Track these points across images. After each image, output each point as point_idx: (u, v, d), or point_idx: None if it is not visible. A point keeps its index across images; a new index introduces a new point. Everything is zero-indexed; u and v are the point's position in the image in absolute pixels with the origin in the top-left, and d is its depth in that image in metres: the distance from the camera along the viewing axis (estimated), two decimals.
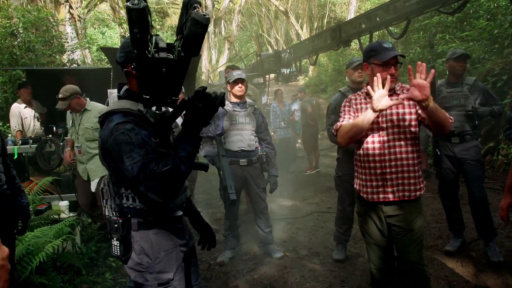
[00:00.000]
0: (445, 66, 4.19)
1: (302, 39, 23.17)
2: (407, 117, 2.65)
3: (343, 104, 2.91)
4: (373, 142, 2.69)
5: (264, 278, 4.13)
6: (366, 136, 2.70)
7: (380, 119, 2.66)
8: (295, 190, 7.84)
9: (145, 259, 2.02)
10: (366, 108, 2.67)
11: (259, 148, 4.53)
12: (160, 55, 1.61)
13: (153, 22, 1.60)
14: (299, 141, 10.81)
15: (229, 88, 4.46)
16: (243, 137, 4.36)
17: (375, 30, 7.28)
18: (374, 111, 2.49)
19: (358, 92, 2.93)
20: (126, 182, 1.92)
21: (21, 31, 8.94)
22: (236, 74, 4.39)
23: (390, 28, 6.79)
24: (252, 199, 4.59)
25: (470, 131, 4.12)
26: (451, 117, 2.62)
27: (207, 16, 1.57)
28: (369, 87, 2.60)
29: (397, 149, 2.65)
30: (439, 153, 4.27)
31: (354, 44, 9.57)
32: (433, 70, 2.43)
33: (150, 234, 2.04)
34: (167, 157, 1.76)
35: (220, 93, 1.80)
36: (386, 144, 2.66)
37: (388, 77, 2.54)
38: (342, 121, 2.78)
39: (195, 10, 1.55)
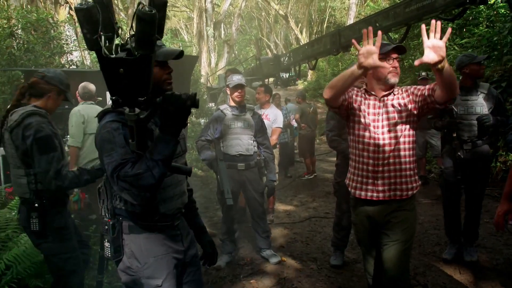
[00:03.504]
0: (465, 71, 4.07)
1: (301, 44, 23.21)
2: (406, 111, 2.61)
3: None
4: (369, 137, 2.65)
5: (261, 283, 4.11)
6: (364, 129, 2.66)
7: (378, 110, 2.64)
8: (293, 195, 7.83)
9: (135, 263, 2.00)
10: (368, 105, 2.68)
11: (258, 152, 4.52)
12: (115, 55, 1.57)
13: (123, 23, 1.55)
14: (295, 144, 10.82)
15: (228, 93, 4.45)
16: (241, 141, 4.35)
17: (375, 35, 7.28)
18: (360, 67, 2.33)
19: (358, 90, 2.85)
20: None
21: (20, 32, 8.93)
22: (236, 79, 4.36)
23: (390, 34, 6.80)
24: (250, 203, 4.57)
25: (482, 138, 4.07)
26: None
27: (152, 12, 1.49)
28: (368, 86, 2.69)
29: (393, 147, 2.61)
30: (462, 156, 4.10)
31: (354, 49, 9.60)
32: (449, 29, 2.28)
33: (141, 238, 2.02)
34: (142, 159, 1.74)
35: (191, 93, 1.77)
36: (381, 142, 2.61)
37: (391, 68, 2.56)
38: None
39: (139, 7, 1.49)
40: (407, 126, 2.62)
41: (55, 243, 2.89)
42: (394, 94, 2.66)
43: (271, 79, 15.13)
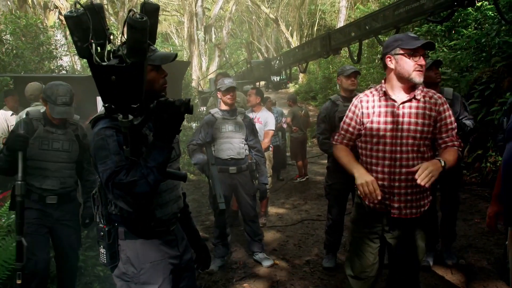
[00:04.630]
0: None
1: (292, 47, 23.28)
2: (423, 128, 2.40)
3: (352, 102, 2.65)
4: (384, 151, 2.44)
5: (254, 286, 4.10)
6: (377, 144, 2.47)
7: (396, 119, 2.42)
8: (285, 198, 7.84)
9: (131, 269, 2.00)
10: (380, 113, 2.47)
11: (249, 155, 4.53)
12: (106, 63, 1.55)
13: (115, 30, 1.54)
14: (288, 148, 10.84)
15: (220, 96, 4.45)
16: (232, 145, 4.35)
17: (365, 38, 7.34)
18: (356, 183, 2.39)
19: (372, 91, 2.61)
20: None
21: (9, 37, 8.86)
22: (228, 82, 4.38)
23: (379, 36, 6.85)
24: (242, 207, 4.57)
25: None
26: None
27: (143, 19, 1.47)
28: (386, 85, 2.50)
29: (410, 162, 2.38)
30: None
31: (344, 52, 9.65)
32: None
33: (137, 244, 2.01)
34: (137, 166, 1.73)
35: (185, 99, 1.75)
36: (398, 156, 2.41)
37: (416, 66, 2.34)
38: (342, 136, 2.65)
39: (130, 14, 1.47)
40: (427, 141, 2.43)
41: None
42: (417, 100, 2.43)
43: (262, 83, 15.15)
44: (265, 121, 5.76)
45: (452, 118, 2.49)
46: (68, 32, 14.19)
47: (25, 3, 13.54)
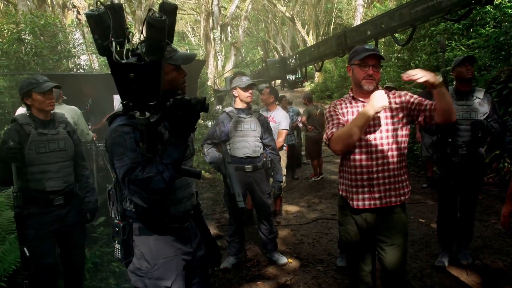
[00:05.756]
0: (452, 75, 4.10)
1: (308, 45, 23.21)
2: (397, 116, 2.63)
3: (327, 110, 2.83)
4: (360, 146, 2.64)
5: (268, 285, 4.12)
6: None
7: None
8: (299, 197, 7.84)
9: (144, 264, 2.03)
10: (353, 113, 2.68)
11: (264, 154, 4.53)
12: (125, 60, 1.58)
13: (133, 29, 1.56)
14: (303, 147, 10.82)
15: (236, 94, 4.44)
16: (248, 143, 4.36)
17: (381, 37, 7.31)
18: (375, 111, 2.44)
19: (343, 98, 2.88)
20: None
21: (28, 37, 9.01)
22: (246, 80, 4.39)
23: (396, 35, 6.80)
24: (257, 205, 4.58)
25: (477, 142, 4.04)
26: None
27: (162, 18, 1.50)
28: (353, 92, 2.72)
29: (385, 153, 2.61)
30: (456, 161, 4.04)
31: None
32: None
33: (151, 240, 2.05)
34: (153, 163, 1.76)
35: (201, 98, 1.78)
36: (373, 149, 2.62)
37: (365, 75, 2.59)
38: (332, 128, 2.69)
39: (149, 13, 1.50)
40: (398, 132, 2.64)
41: None
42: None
43: (278, 81, 15.16)
44: (279, 120, 5.75)
45: (422, 98, 2.63)
46: (86, 31, 14.42)
47: (44, 2, 13.74)
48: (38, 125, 3.29)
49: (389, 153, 2.61)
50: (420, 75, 2.34)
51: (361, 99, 2.70)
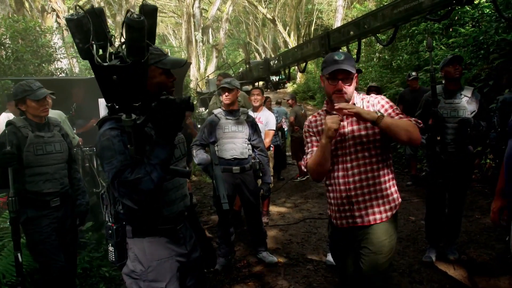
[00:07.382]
0: (441, 74, 4.17)
1: (289, 47, 23.32)
2: (368, 132, 2.39)
3: (304, 129, 2.68)
4: (336, 163, 2.47)
5: (259, 285, 4.13)
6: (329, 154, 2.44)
7: (341, 138, 2.43)
8: (286, 197, 7.87)
9: (138, 266, 2.03)
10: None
11: (252, 155, 4.54)
12: (107, 63, 1.59)
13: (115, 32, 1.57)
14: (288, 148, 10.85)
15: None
16: (235, 145, 4.37)
17: (363, 37, 7.39)
18: (328, 137, 2.26)
19: (319, 111, 2.67)
20: None
21: (9, 41, 8.89)
22: (224, 82, 4.38)
23: (378, 35, 6.89)
24: (246, 206, 4.59)
25: (464, 139, 4.11)
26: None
27: (140, 19, 1.52)
28: (327, 104, 2.55)
29: (362, 169, 2.40)
30: (444, 158, 4.10)
31: (342, 51, 9.68)
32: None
33: (144, 242, 2.05)
34: (141, 165, 1.77)
35: (185, 97, 1.80)
36: (348, 165, 2.42)
37: (335, 93, 2.36)
38: (307, 154, 2.56)
39: (128, 15, 1.52)
40: (377, 144, 2.40)
41: None
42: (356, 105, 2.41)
43: (261, 83, 15.19)
44: (266, 121, 5.77)
45: (391, 104, 2.45)
46: (65, 35, 14.25)
47: (23, 6, 13.55)
48: (34, 128, 3.33)
49: (368, 168, 2.40)
50: (353, 110, 2.19)
51: (334, 113, 2.39)
